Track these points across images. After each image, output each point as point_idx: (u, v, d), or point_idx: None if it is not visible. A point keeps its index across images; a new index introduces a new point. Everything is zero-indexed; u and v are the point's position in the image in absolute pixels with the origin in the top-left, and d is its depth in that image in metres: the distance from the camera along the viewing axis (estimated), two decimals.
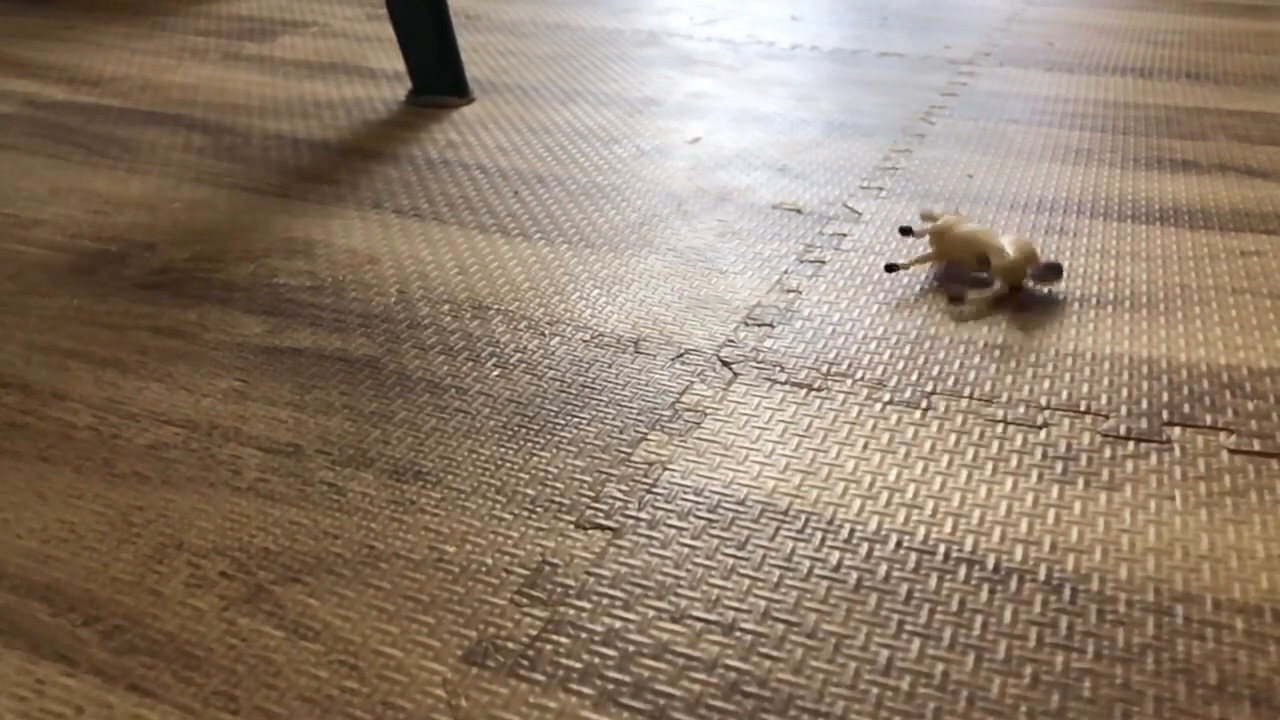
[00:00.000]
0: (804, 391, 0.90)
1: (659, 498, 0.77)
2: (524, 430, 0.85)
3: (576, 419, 0.87)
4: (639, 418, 0.87)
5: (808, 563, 0.71)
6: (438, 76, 1.69)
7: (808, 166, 1.40)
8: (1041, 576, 0.69)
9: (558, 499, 0.77)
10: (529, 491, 0.78)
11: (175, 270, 1.14)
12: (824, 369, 0.93)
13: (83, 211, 1.30)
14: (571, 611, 0.67)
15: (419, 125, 1.60)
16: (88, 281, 1.12)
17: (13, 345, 1.00)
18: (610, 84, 1.79)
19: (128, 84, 1.83)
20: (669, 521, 0.75)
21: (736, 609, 0.67)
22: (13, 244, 1.21)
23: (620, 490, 0.78)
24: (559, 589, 0.69)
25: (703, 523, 0.75)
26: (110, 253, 1.18)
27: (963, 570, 0.70)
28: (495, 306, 1.05)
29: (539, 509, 0.76)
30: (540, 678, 0.62)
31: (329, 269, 1.14)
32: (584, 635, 0.65)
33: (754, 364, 0.94)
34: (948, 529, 0.73)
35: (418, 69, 1.69)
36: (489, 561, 0.71)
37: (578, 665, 0.63)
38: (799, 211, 1.26)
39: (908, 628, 0.65)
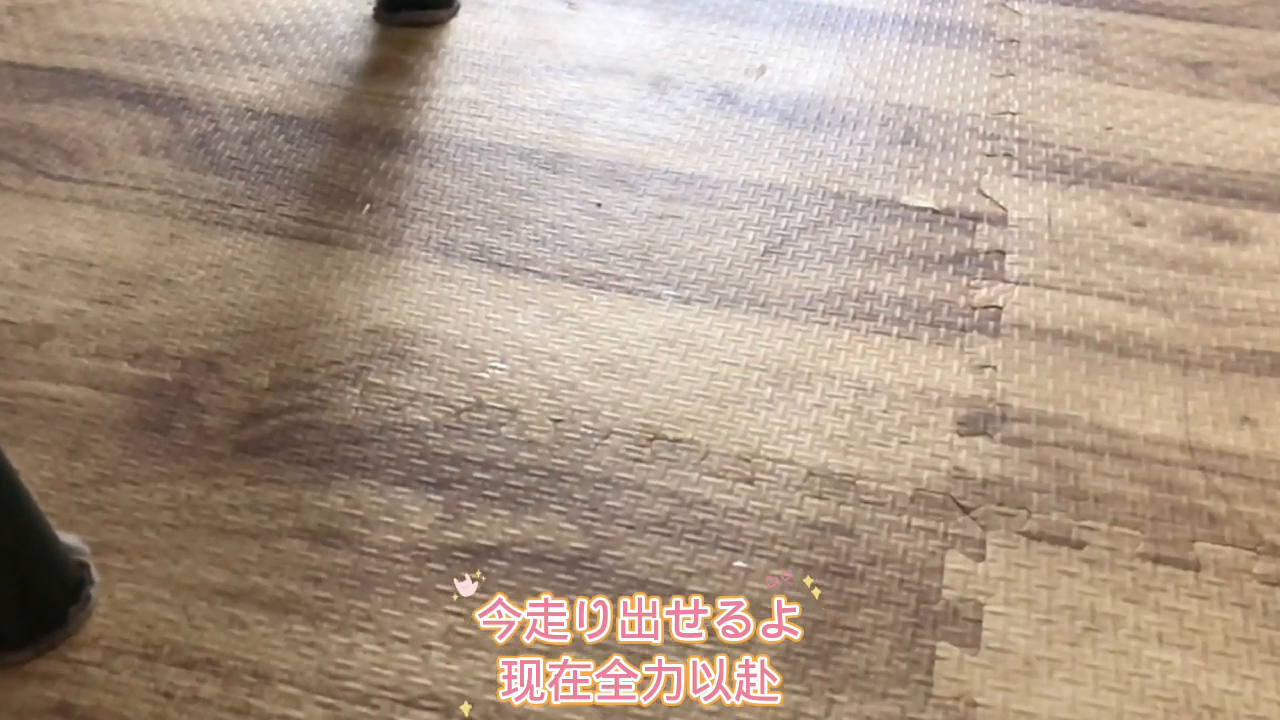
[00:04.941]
0: (1065, 550, 0.87)
1: None
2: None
3: (860, 644, 0.81)
4: (914, 621, 0.82)
5: None
6: None
7: (923, 119, 1.26)
8: None
9: None
10: None
11: (267, 411, 0.96)
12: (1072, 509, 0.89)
13: (85, 300, 1.05)
14: None
15: (414, 69, 1.34)
16: (169, 446, 0.93)
17: (153, 585, 0.84)
18: None
19: None
20: None
21: None
22: (36, 381, 0.98)
23: None
24: None
25: None
26: (167, 384, 0.98)
27: None
28: (674, 434, 0.94)
29: None
30: None
31: (443, 383, 0.98)
32: None
33: (995, 507, 0.90)
34: None
35: None
36: None
37: None
38: (937, 212, 1.15)
39: None
